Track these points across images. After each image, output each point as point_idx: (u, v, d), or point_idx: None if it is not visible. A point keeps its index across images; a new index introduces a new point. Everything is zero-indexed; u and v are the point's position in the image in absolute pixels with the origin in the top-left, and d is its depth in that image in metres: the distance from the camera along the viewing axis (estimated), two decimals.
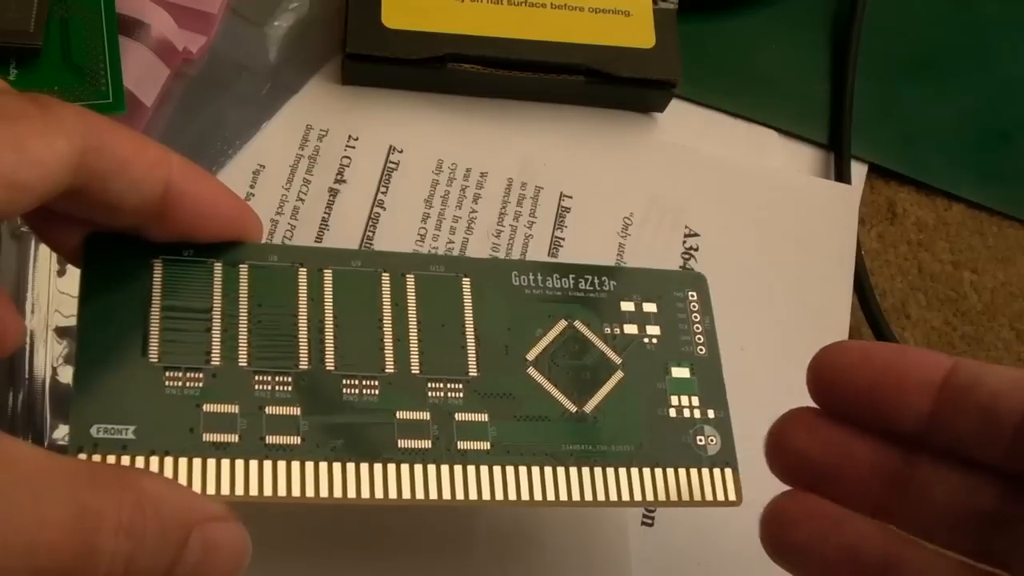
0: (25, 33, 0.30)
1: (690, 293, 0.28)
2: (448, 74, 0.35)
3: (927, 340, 0.38)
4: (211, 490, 0.22)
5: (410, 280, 0.25)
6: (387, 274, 0.25)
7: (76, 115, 0.21)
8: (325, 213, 0.34)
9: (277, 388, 0.23)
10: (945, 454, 0.24)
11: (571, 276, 0.27)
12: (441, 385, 0.24)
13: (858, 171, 0.39)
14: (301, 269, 0.25)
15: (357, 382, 0.24)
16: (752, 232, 0.37)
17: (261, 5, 0.36)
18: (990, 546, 0.23)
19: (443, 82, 0.36)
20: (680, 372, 0.27)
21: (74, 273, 0.25)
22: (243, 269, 0.24)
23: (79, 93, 0.31)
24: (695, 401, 0.26)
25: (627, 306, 0.27)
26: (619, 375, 0.26)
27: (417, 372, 0.24)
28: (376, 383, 0.24)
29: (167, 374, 0.23)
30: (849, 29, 0.41)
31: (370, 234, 0.34)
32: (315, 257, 0.25)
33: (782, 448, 0.25)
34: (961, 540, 0.24)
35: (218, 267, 0.24)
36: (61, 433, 0.29)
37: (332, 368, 0.24)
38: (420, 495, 0.23)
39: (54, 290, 0.30)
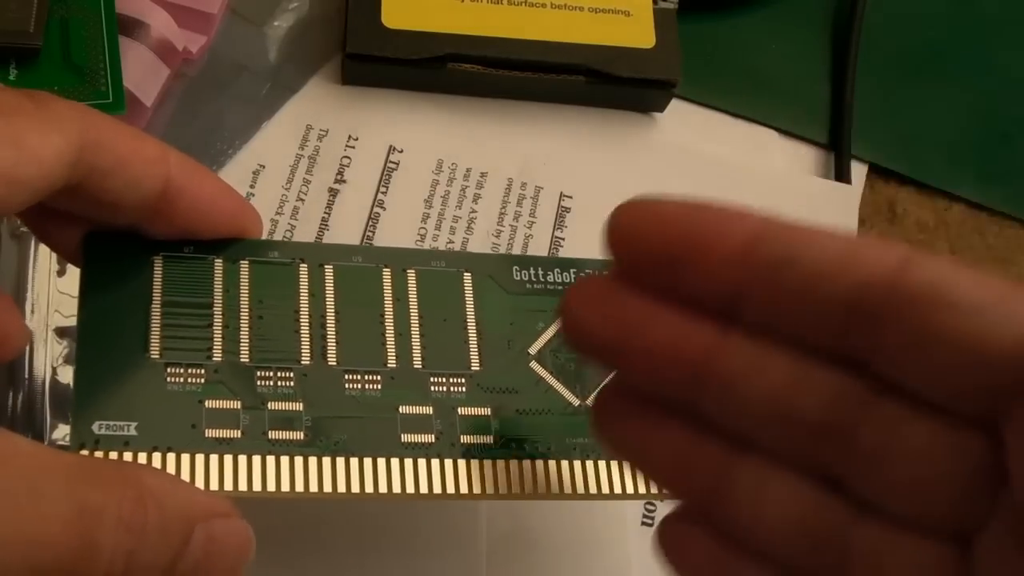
0: (25, 33, 0.30)
1: None
2: (448, 74, 0.35)
3: None
4: (214, 486, 0.22)
5: (411, 275, 0.25)
6: (388, 269, 0.25)
7: (73, 111, 0.21)
8: (325, 213, 0.34)
9: (279, 384, 0.23)
10: (765, 337, 0.19)
11: (572, 270, 0.27)
12: (444, 379, 0.24)
13: (858, 171, 0.39)
14: (302, 265, 0.25)
15: (359, 377, 0.24)
16: None
17: (261, 5, 0.36)
18: (820, 458, 0.19)
19: (443, 82, 0.36)
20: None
21: (74, 273, 0.25)
22: (244, 265, 0.24)
23: (79, 93, 0.31)
24: None
25: None
26: None
27: (420, 367, 0.24)
28: (379, 378, 0.24)
29: (169, 370, 0.23)
30: (849, 29, 0.41)
31: (370, 234, 0.34)
32: (316, 253, 0.25)
33: (569, 319, 0.21)
34: (788, 451, 0.20)
35: (219, 263, 0.24)
36: (61, 433, 0.29)
37: (334, 363, 0.24)
38: (424, 489, 0.23)
39: (54, 290, 0.30)
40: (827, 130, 0.40)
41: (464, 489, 0.23)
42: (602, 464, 0.25)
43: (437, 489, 0.23)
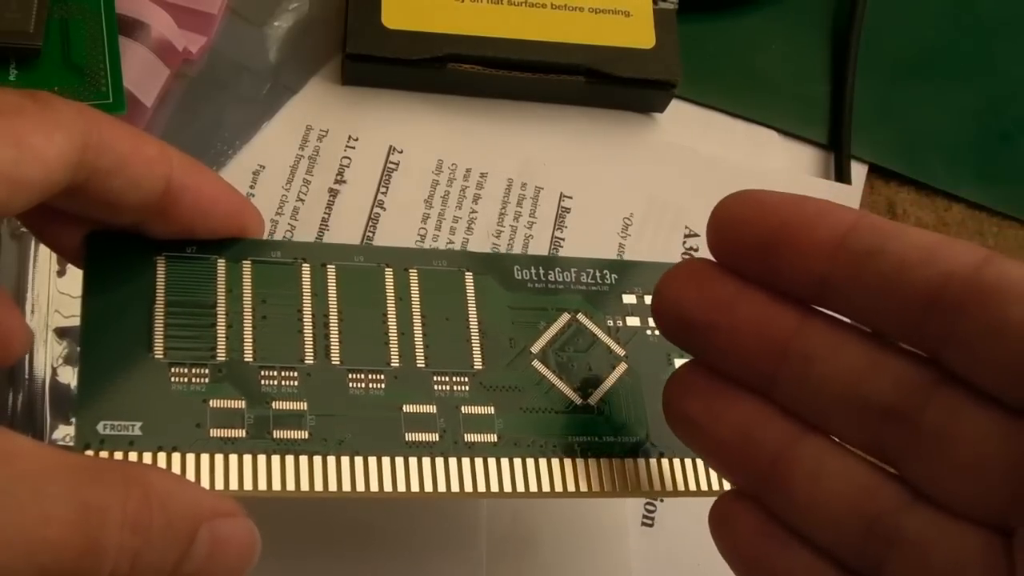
0: (25, 33, 0.30)
1: None
2: (448, 74, 0.35)
3: None
4: (219, 485, 0.22)
5: (413, 274, 0.25)
6: (390, 269, 0.25)
7: (75, 111, 0.21)
8: (325, 213, 0.34)
9: (283, 383, 0.23)
10: (847, 323, 0.21)
11: (573, 269, 0.27)
12: (447, 378, 0.25)
13: (858, 171, 0.39)
14: (304, 265, 0.25)
15: (363, 376, 0.24)
16: None
17: (261, 5, 0.36)
18: (885, 441, 0.20)
19: (443, 82, 0.36)
20: (683, 363, 0.27)
21: (74, 273, 0.25)
22: (246, 265, 0.24)
23: (79, 93, 0.31)
24: None
25: (629, 299, 0.27)
26: (623, 367, 0.26)
27: (423, 366, 0.24)
28: (382, 377, 0.24)
29: (173, 370, 0.23)
30: (849, 29, 0.41)
31: (370, 234, 0.34)
32: (318, 253, 0.25)
33: (662, 298, 0.22)
34: (854, 432, 0.21)
35: (221, 263, 0.24)
36: (61, 433, 0.29)
37: (338, 363, 0.24)
38: (428, 488, 0.23)
39: (54, 290, 0.30)
40: (827, 130, 0.40)
41: (468, 488, 0.23)
42: (604, 462, 0.25)
43: (441, 488, 0.23)
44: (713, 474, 0.25)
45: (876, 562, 0.20)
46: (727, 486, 0.25)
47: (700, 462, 0.25)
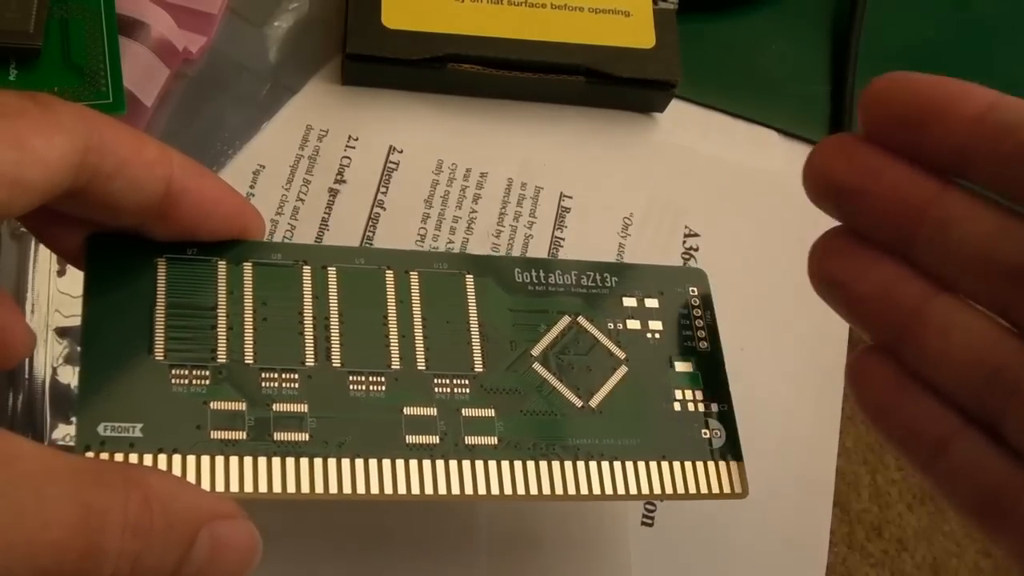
0: (25, 33, 0.30)
1: (691, 288, 0.28)
2: (448, 74, 0.35)
3: None
4: (219, 487, 0.22)
5: (414, 277, 0.26)
6: (391, 271, 0.25)
7: (76, 113, 0.21)
8: (325, 213, 0.34)
9: (284, 385, 0.23)
10: (981, 194, 0.23)
11: (573, 272, 0.27)
12: (447, 381, 0.25)
13: None
14: (305, 267, 0.25)
15: (364, 378, 0.24)
16: (752, 232, 0.37)
17: (261, 5, 0.36)
18: (1011, 302, 0.22)
19: (443, 82, 0.36)
20: (683, 366, 0.27)
21: (74, 273, 0.25)
22: (247, 267, 0.24)
23: (79, 93, 0.31)
24: (699, 395, 0.26)
25: (629, 302, 0.27)
26: (623, 370, 0.26)
27: (423, 368, 0.25)
28: (383, 379, 0.24)
29: (173, 372, 0.23)
30: (849, 29, 0.41)
31: (370, 234, 0.34)
32: (319, 255, 0.25)
33: (814, 165, 0.24)
34: (983, 292, 0.23)
35: (222, 265, 0.24)
36: (61, 433, 0.29)
37: (338, 365, 0.24)
38: (428, 490, 0.23)
39: (54, 290, 0.30)
40: (827, 130, 0.40)
41: (468, 491, 0.23)
42: (604, 465, 0.25)
43: (441, 490, 0.23)
44: (713, 476, 0.25)
45: (997, 411, 0.22)
46: (728, 488, 0.25)
47: (699, 464, 0.25)
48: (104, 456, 0.21)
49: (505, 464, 0.24)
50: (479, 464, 0.24)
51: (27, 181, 0.19)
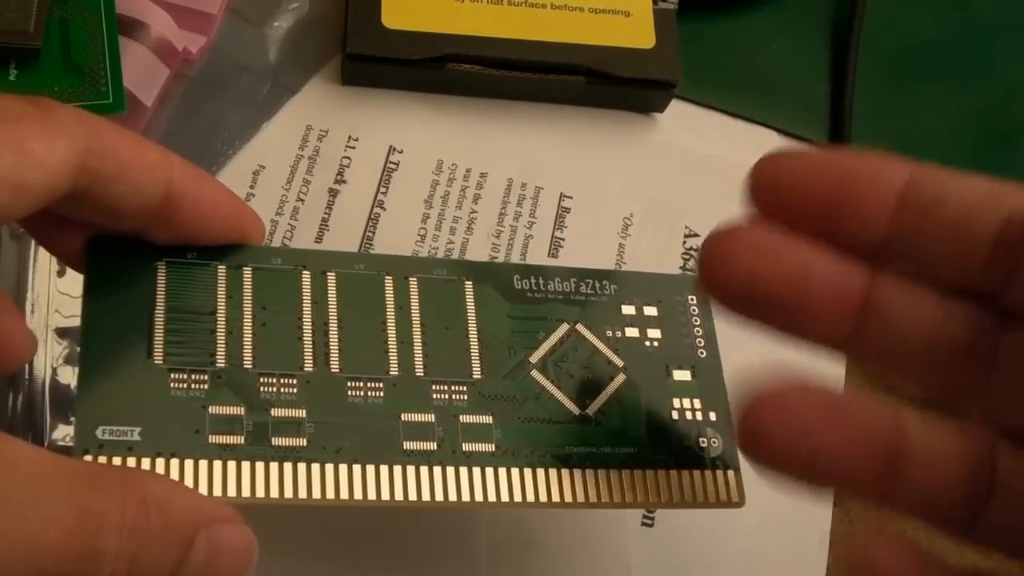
0: (25, 33, 0.30)
1: (690, 297, 0.28)
2: (448, 74, 0.35)
3: None
4: (217, 492, 0.22)
5: (413, 283, 0.26)
6: (390, 277, 0.25)
7: (76, 117, 0.21)
8: (325, 213, 0.34)
9: (282, 390, 0.23)
10: (914, 275, 0.21)
11: (572, 280, 0.27)
12: (445, 387, 0.25)
13: None
14: (304, 272, 0.25)
15: (362, 384, 0.24)
16: None
17: (261, 5, 0.36)
18: (962, 382, 0.21)
19: (443, 82, 0.36)
20: (681, 375, 0.27)
21: (74, 273, 0.25)
22: (247, 272, 0.24)
23: (79, 94, 0.31)
24: (697, 403, 0.26)
25: (628, 309, 0.27)
26: (621, 378, 0.26)
27: (421, 375, 0.25)
28: (381, 385, 0.24)
29: (172, 376, 0.23)
30: (849, 29, 0.41)
31: (370, 234, 0.34)
32: (318, 260, 0.25)
33: (723, 270, 0.21)
34: (932, 377, 0.21)
35: (222, 269, 0.24)
36: (61, 434, 0.29)
37: (337, 370, 0.24)
38: (426, 497, 0.23)
39: (54, 291, 0.30)
40: (827, 130, 0.40)
41: (466, 497, 0.23)
42: (601, 473, 0.25)
43: (439, 497, 0.23)
44: (710, 485, 0.25)
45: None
46: (724, 497, 0.25)
47: (696, 473, 0.25)
48: (103, 460, 0.21)
49: (503, 471, 0.24)
50: (476, 471, 0.24)
51: (27, 185, 0.19)
